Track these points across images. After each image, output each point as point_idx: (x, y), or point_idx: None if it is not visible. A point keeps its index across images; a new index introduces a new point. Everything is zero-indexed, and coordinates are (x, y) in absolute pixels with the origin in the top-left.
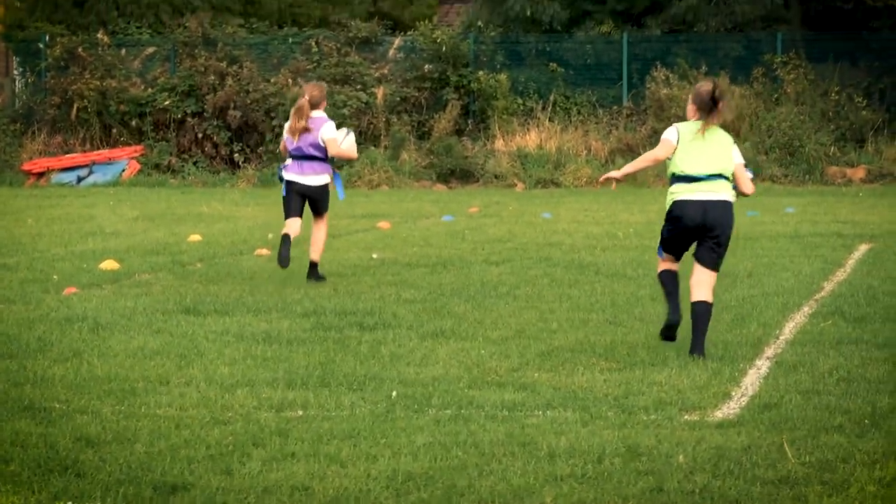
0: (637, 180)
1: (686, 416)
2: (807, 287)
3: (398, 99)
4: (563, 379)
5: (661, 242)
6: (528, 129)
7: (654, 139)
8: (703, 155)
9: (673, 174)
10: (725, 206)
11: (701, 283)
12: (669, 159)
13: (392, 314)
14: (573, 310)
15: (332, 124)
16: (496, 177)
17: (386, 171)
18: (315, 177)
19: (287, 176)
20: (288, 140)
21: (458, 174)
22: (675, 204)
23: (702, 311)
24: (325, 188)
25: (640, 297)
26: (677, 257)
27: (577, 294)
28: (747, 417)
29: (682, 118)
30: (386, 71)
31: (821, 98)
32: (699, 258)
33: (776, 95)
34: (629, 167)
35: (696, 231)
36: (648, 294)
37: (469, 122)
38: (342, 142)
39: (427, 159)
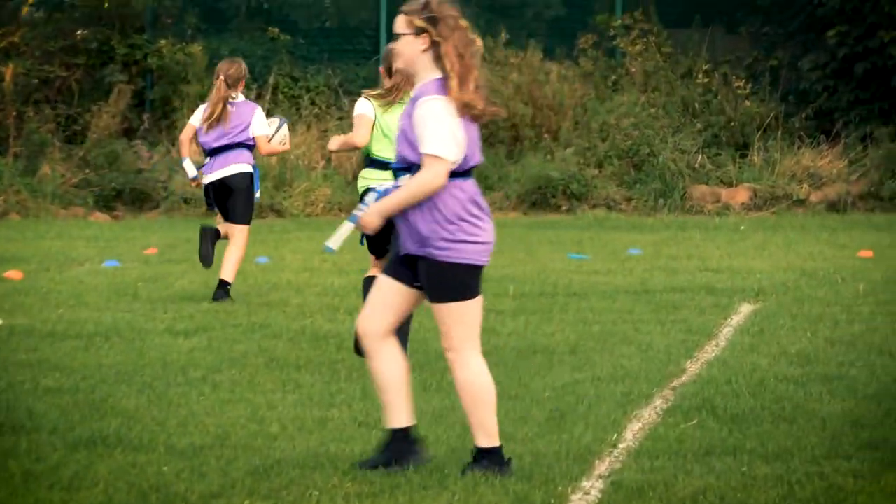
0: None
1: None
2: (660, 369)
3: (35, 82)
4: None
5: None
6: None
7: None
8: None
9: (367, 156)
10: None
11: None
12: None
13: (26, 411)
14: (304, 404)
15: (261, 114)
16: (185, 201)
17: (17, 191)
18: (236, 165)
19: (206, 179)
20: (201, 132)
21: (128, 197)
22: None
23: None
24: (248, 177)
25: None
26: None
27: (311, 381)
28: None
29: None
30: (17, 39)
31: (682, 82)
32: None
33: (614, 77)
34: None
35: None
36: (419, 380)
37: (145, 117)
38: (273, 137)
39: (80, 174)
